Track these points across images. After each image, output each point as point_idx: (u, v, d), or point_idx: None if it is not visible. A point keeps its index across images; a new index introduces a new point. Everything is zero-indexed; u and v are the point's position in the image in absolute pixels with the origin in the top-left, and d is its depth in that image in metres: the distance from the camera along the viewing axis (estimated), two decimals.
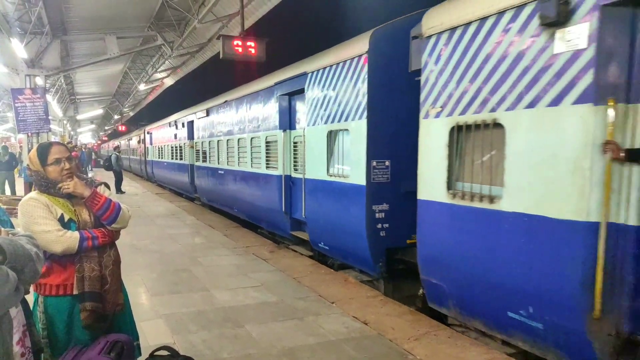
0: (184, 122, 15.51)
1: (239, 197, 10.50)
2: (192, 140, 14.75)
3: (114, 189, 16.61)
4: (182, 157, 16.08)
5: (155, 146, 21.78)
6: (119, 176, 17.75)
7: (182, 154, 16.06)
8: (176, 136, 16.89)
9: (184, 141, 15.60)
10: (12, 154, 15.36)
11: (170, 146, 18.09)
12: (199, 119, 13.64)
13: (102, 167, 29.08)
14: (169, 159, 18.50)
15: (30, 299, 2.11)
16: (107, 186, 2.77)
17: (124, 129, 39.26)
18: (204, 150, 13.17)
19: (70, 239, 2.41)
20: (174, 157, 17.46)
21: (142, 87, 22.62)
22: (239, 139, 10.20)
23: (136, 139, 28.66)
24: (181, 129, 16.07)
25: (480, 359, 3.79)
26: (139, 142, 26.87)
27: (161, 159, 20.28)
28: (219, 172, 11.85)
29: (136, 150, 28.77)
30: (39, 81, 13.17)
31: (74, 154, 2.66)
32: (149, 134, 23.35)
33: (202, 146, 13.46)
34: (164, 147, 19.39)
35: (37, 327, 2.38)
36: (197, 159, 14.17)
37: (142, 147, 25.60)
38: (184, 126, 15.62)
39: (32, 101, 12.35)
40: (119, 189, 17.30)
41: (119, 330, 2.66)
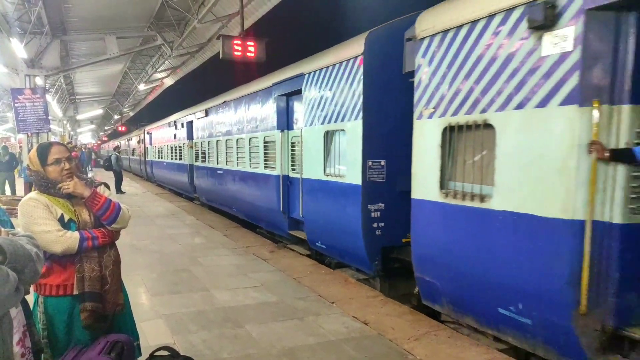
0: (184, 122, 15.59)
1: (238, 197, 10.58)
2: (191, 140, 14.84)
3: (114, 189, 16.65)
4: (181, 157, 16.15)
5: (154, 146, 21.85)
6: (119, 176, 17.77)
7: (181, 154, 16.14)
8: (176, 136, 16.97)
9: (184, 141, 15.67)
10: (13, 154, 15.34)
11: (169, 146, 18.17)
12: (198, 119, 13.72)
13: (102, 167, 29.09)
14: (168, 159, 18.57)
15: (30, 299, 2.13)
16: (107, 186, 2.77)
17: (123, 129, 39.34)
18: (203, 150, 13.25)
19: (70, 239, 2.41)
20: (173, 157, 17.53)
21: (142, 87, 22.59)
22: (238, 139, 10.28)
23: (136, 139, 28.72)
24: (180, 129, 16.15)
25: (480, 359, 3.80)
26: (139, 142, 26.93)
27: (161, 159, 20.35)
28: (218, 172, 11.94)
29: (136, 150, 28.84)
30: (39, 81, 13.13)
31: (73, 154, 2.66)
32: (148, 134, 23.42)
33: (201, 146, 13.54)
34: (164, 147, 19.46)
35: (37, 328, 2.37)
36: (196, 159, 14.25)
37: (142, 147, 25.66)
38: (183, 126, 15.70)
39: (32, 101, 12.29)
40: (118, 189, 17.32)
41: (119, 330, 2.65)
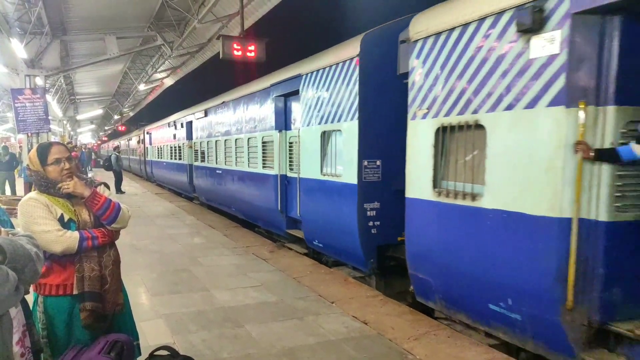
0: (183, 122, 15.68)
1: (237, 197, 10.67)
2: (190, 140, 14.93)
3: (114, 189, 16.72)
4: (180, 157, 16.24)
5: (154, 146, 21.94)
6: (119, 176, 17.82)
7: (180, 154, 16.23)
8: (175, 136, 17.06)
9: (183, 141, 15.76)
10: (13, 154, 15.37)
11: (169, 146, 18.26)
12: (197, 120, 13.81)
13: (101, 167, 29.16)
14: (168, 159, 18.66)
15: (30, 299, 2.14)
16: (107, 186, 2.78)
17: (123, 129, 39.45)
18: (202, 150, 13.34)
19: (70, 239, 2.42)
20: (173, 157, 17.62)
21: (142, 87, 22.63)
22: (237, 139, 10.37)
23: (136, 139, 28.81)
24: (180, 129, 16.24)
25: (479, 359, 3.81)
26: (139, 142, 27.01)
27: (160, 159, 20.44)
28: (217, 172, 12.02)
29: (136, 150, 28.92)
30: (39, 81, 13.14)
31: (73, 154, 2.68)
32: (148, 134, 23.51)
33: (200, 146, 13.63)
34: (163, 147, 19.55)
35: (37, 327, 2.37)
36: (195, 159, 14.34)
37: (142, 147, 25.74)
38: (182, 126, 15.79)
39: (32, 101, 12.31)
40: (118, 189, 17.37)
41: (119, 330, 2.65)
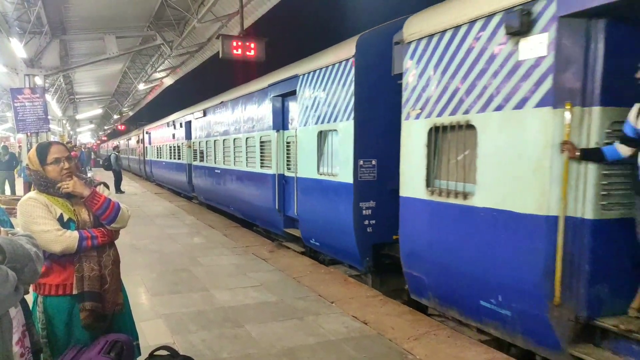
0: (182, 122, 15.76)
1: (235, 196, 10.75)
2: (189, 140, 15.01)
3: (113, 188, 16.78)
4: (180, 156, 16.32)
5: (153, 146, 22.03)
6: (118, 176, 17.86)
7: (180, 154, 16.31)
8: (174, 136, 17.14)
9: (182, 141, 15.84)
10: (13, 153, 15.37)
11: (168, 146, 18.34)
12: (196, 119, 13.90)
13: (101, 166, 29.20)
14: (167, 159, 18.74)
15: (29, 299, 2.15)
16: (107, 186, 2.78)
17: (123, 128, 39.56)
18: (201, 149, 13.43)
19: (69, 239, 2.41)
20: (172, 156, 17.70)
21: (142, 86, 22.57)
22: (235, 139, 10.45)
23: (135, 138, 28.88)
24: (179, 129, 16.31)
25: (479, 359, 3.81)
26: (138, 141, 27.09)
27: (160, 158, 20.52)
28: (215, 172, 12.10)
29: (135, 150, 29.00)
30: (38, 81, 13.12)
31: (73, 153, 2.71)
32: (147, 133, 23.58)
33: (199, 146, 13.71)
34: (163, 146, 19.63)
35: (37, 327, 2.37)
36: (194, 159, 14.42)
37: (141, 146, 25.82)
38: (181, 126, 15.87)
39: (32, 101, 12.28)
40: (118, 189, 17.42)
41: (119, 330, 2.65)
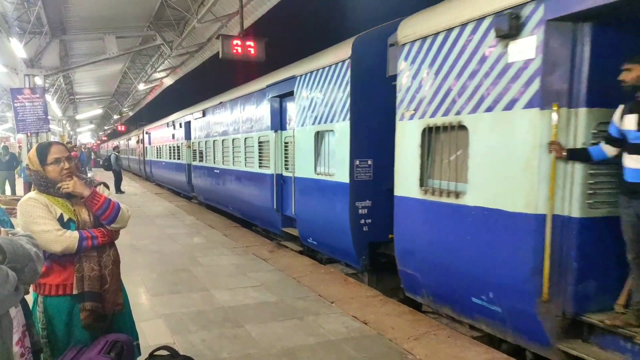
0: (181, 122, 15.85)
1: (234, 196, 10.83)
2: (189, 140, 15.10)
3: (114, 188, 16.84)
4: (179, 156, 16.41)
5: (153, 146, 22.11)
6: (119, 176, 17.92)
7: (179, 154, 16.40)
8: (174, 136, 17.23)
9: (181, 141, 15.93)
10: (13, 154, 15.43)
11: (168, 146, 18.43)
12: (195, 120, 13.99)
13: (101, 167, 29.27)
14: (167, 159, 18.83)
15: (29, 299, 2.16)
16: (107, 186, 2.78)
17: (123, 129, 39.62)
18: (201, 150, 13.51)
19: (69, 239, 2.41)
20: (171, 156, 17.79)
21: (142, 86, 22.61)
22: (234, 139, 10.54)
23: (135, 139, 28.97)
24: (178, 129, 16.40)
25: (479, 359, 3.81)
26: (138, 142, 27.17)
27: (159, 158, 20.61)
28: (214, 172, 12.19)
29: (135, 150, 29.09)
30: (38, 81, 13.15)
31: (73, 153, 2.76)
32: (147, 134, 23.67)
33: (198, 146, 13.81)
34: (162, 147, 19.72)
35: (37, 327, 2.37)
36: (193, 159, 14.51)
37: (141, 147, 25.90)
38: (181, 126, 15.95)
39: (32, 101, 12.31)
40: (118, 189, 17.47)
41: (119, 330, 2.65)
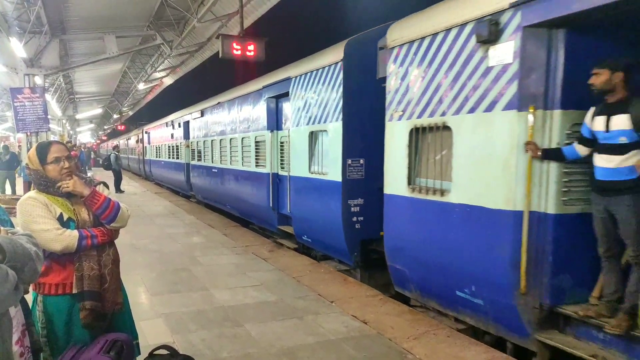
0: (180, 122, 16.02)
1: (231, 194, 11.01)
2: (187, 139, 15.27)
3: (113, 188, 16.96)
4: (178, 156, 16.59)
5: (152, 145, 22.27)
6: (118, 175, 17.95)
7: (178, 153, 16.57)
8: (173, 136, 17.39)
9: (180, 141, 16.09)
10: (14, 153, 15.45)
11: (167, 145, 18.59)
12: (194, 120, 14.16)
13: (101, 166, 29.36)
14: (166, 158, 19.00)
15: (29, 298, 2.17)
16: (106, 185, 2.79)
17: (122, 128, 39.78)
18: (199, 149, 13.69)
19: (69, 238, 2.41)
20: (170, 156, 17.96)
21: (141, 86, 22.60)
22: (231, 139, 10.72)
23: (135, 138, 29.12)
24: (177, 129, 16.57)
25: (479, 358, 3.81)
26: (138, 141, 27.33)
27: (159, 158, 20.78)
28: (212, 171, 12.37)
29: (134, 149, 29.25)
30: (38, 80, 13.17)
31: (73, 153, 2.84)
32: (147, 133, 23.83)
33: (197, 145, 13.98)
34: (161, 146, 19.89)
35: (36, 327, 2.37)
36: (192, 158, 14.68)
37: (141, 146, 26.06)
38: (180, 126, 16.12)
39: (31, 100, 12.32)
40: (118, 188, 17.52)
41: (118, 329, 2.65)
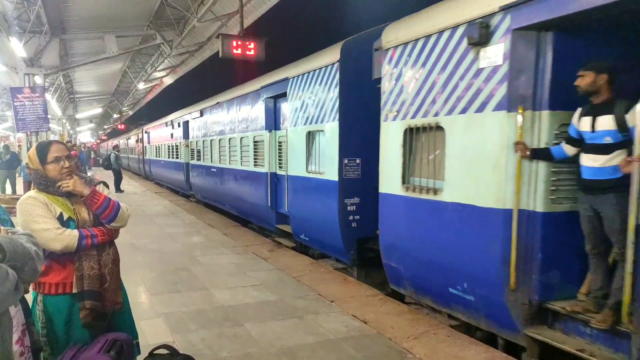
0: (180, 122, 16.11)
1: (230, 194, 11.10)
2: (187, 139, 15.36)
3: (113, 187, 17.02)
4: (178, 155, 16.67)
5: (152, 145, 22.35)
6: (118, 175, 17.97)
7: (178, 153, 16.66)
8: (172, 135, 17.48)
9: (180, 140, 16.18)
10: (14, 153, 15.51)
11: (167, 145, 18.68)
12: (193, 119, 14.25)
13: (101, 166, 29.40)
14: (165, 158, 19.08)
15: (29, 298, 2.17)
16: (106, 185, 2.79)
17: (122, 128, 39.83)
18: (198, 149, 13.78)
19: (69, 237, 2.41)
20: (170, 155, 18.05)
21: (141, 86, 22.64)
22: (230, 139, 10.81)
23: (134, 138, 29.20)
24: (177, 129, 16.66)
25: (479, 358, 3.81)
26: (137, 141, 27.40)
27: (158, 157, 20.86)
28: (211, 170, 12.46)
29: (134, 149, 29.32)
30: (38, 80, 13.19)
31: (72, 152, 2.89)
32: (146, 133, 23.91)
33: (196, 145, 14.07)
34: (161, 146, 19.97)
35: (37, 326, 2.38)
36: (192, 158, 14.77)
37: (140, 146, 26.13)
38: (179, 126, 16.21)
39: (31, 100, 12.33)
40: (118, 188, 17.56)
41: (119, 329, 2.66)
